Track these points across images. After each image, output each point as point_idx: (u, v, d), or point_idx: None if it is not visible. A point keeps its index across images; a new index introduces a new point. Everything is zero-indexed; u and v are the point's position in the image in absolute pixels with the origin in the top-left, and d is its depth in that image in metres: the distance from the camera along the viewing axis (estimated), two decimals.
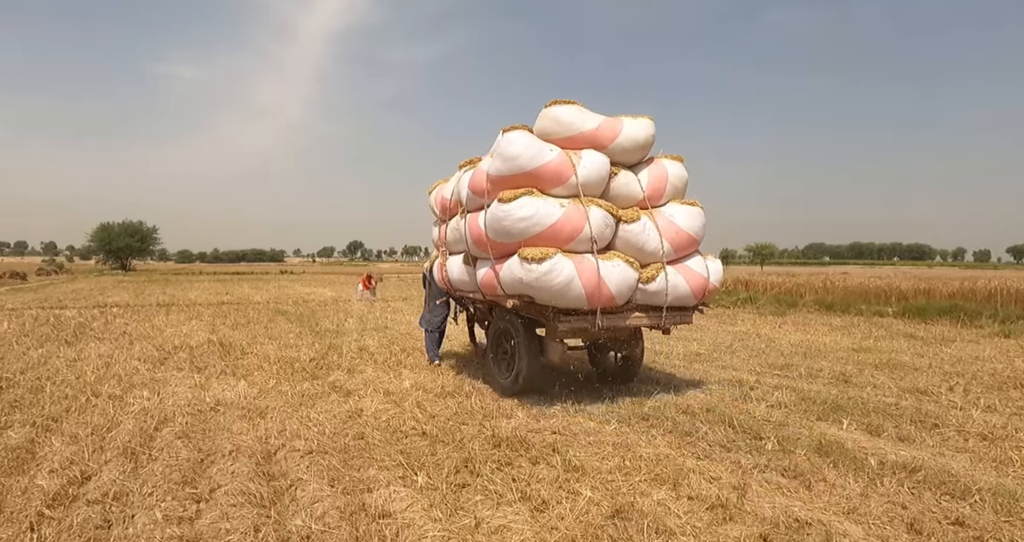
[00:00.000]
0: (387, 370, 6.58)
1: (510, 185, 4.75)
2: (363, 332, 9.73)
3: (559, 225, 4.59)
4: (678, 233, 5.15)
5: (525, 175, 4.74)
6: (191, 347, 7.79)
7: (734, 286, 17.33)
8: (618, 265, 4.78)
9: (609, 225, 4.87)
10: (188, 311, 13.09)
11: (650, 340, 9.39)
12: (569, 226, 4.62)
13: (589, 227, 4.67)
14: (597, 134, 5.08)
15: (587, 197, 4.84)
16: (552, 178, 4.76)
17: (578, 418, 4.78)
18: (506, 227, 4.62)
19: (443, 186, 6.43)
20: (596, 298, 4.65)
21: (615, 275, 4.73)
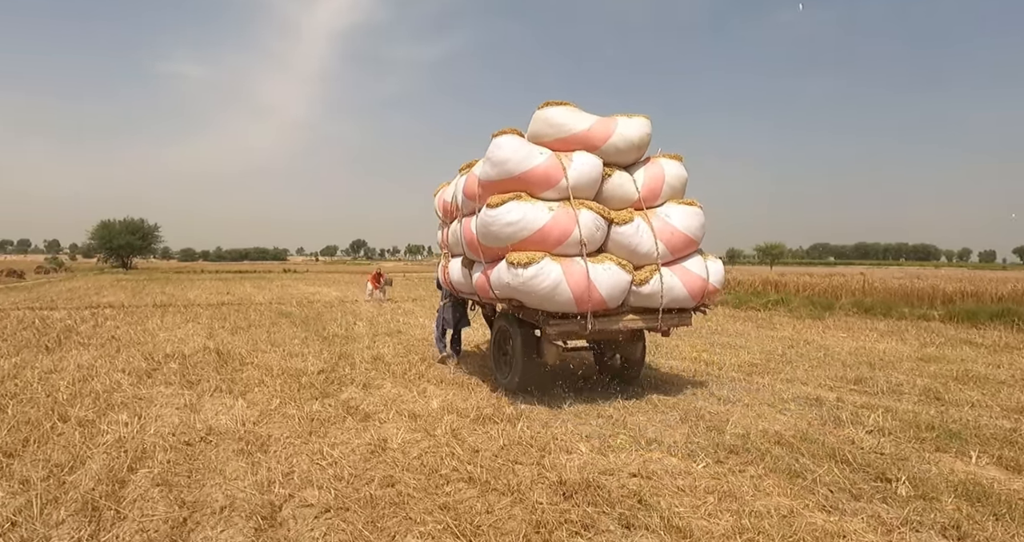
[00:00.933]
0: (408, 385, 5.68)
1: (500, 189, 4.71)
2: (375, 337, 8.84)
3: (547, 229, 4.53)
4: (674, 234, 5.01)
5: (514, 179, 4.69)
6: (184, 356, 6.90)
7: (763, 287, 16.38)
8: (609, 268, 4.67)
9: (600, 227, 4.77)
10: (185, 313, 12.21)
11: (695, 348, 8.55)
12: (557, 230, 4.55)
13: (578, 230, 4.59)
14: (589, 135, 4.97)
15: (578, 199, 4.77)
16: (541, 181, 4.69)
17: (654, 453, 3.87)
18: (494, 232, 4.61)
19: (446, 189, 6.40)
20: (585, 301, 4.56)
21: (606, 278, 4.63)
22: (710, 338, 9.72)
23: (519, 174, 4.72)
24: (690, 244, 5.18)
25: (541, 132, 5.03)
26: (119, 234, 51.20)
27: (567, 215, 4.64)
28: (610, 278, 4.68)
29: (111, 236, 50.98)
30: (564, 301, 4.53)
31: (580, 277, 4.53)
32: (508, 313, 5.16)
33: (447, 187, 6.43)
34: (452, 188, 6.02)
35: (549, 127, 4.99)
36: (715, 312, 14.17)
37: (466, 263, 5.67)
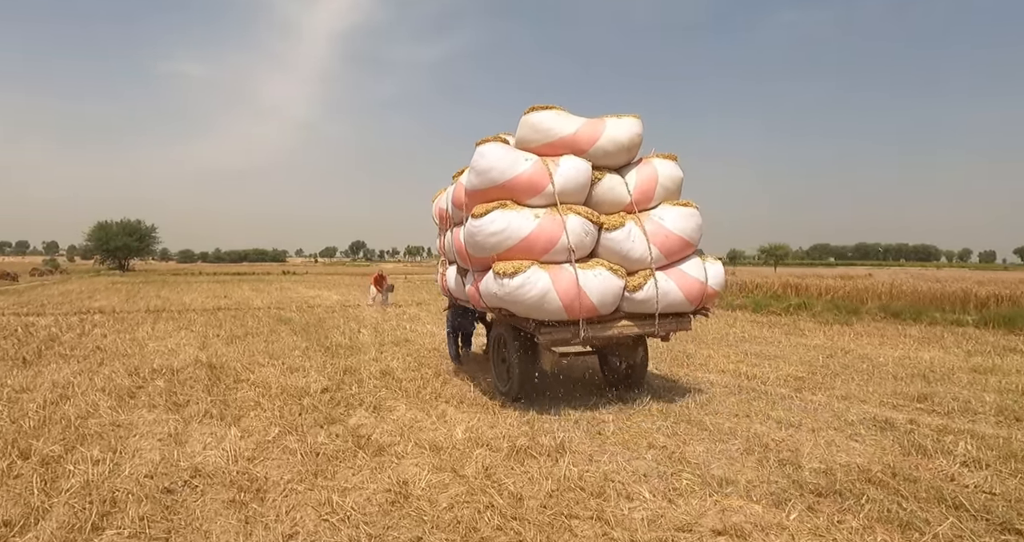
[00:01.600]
0: (424, 407, 5.02)
1: (486, 198, 4.65)
2: (382, 347, 8.17)
3: (533, 237, 4.46)
4: (668, 237, 4.90)
5: (499, 188, 4.62)
6: (173, 371, 6.23)
7: (783, 290, 15.72)
8: (600, 274, 4.57)
9: (589, 233, 4.68)
10: (179, 319, 11.53)
11: (728, 358, 7.89)
12: (544, 237, 4.48)
13: (566, 236, 4.51)
14: (576, 138, 4.88)
15: (565, 205, 4.68)
16: (527, 189, 4.62)
17: (732, 499, 3.21)
18: (479, 242, 4.56)
19: (442, 196, 6.32)
20: (575, 309, 4.48)
21: (597, 285, 4.53)
22: (740, 347, 9.07)
23: (503, 182, 4.62)
24: (686, 247, 5.05)
25: (528, 138, 4.93)
26: (116, 235, 50.50)
27: (554, 222, 4.55)
28: (601, 284, 4.55)
29: (108, 237, 50.28)
30: (553, 309, 4.44)
31: (569, 284, 4.43)
32: (503, 321, 5.03)
33: (443, 194, 6.33)
34: (446, 194, 5.96)
35: (535, 132, 4.89)
36: (735, 317, 13.54)
37: (460, 271, 5.64)
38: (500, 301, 4.54)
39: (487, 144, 4.83)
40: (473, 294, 5.13)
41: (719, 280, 5.24)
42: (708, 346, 9.07)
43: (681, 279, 4.97)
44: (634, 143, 5.09)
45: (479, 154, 4.74)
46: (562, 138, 4.88)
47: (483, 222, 4.52)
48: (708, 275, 5.11)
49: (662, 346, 8.70)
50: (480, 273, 4.91)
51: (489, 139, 4.91)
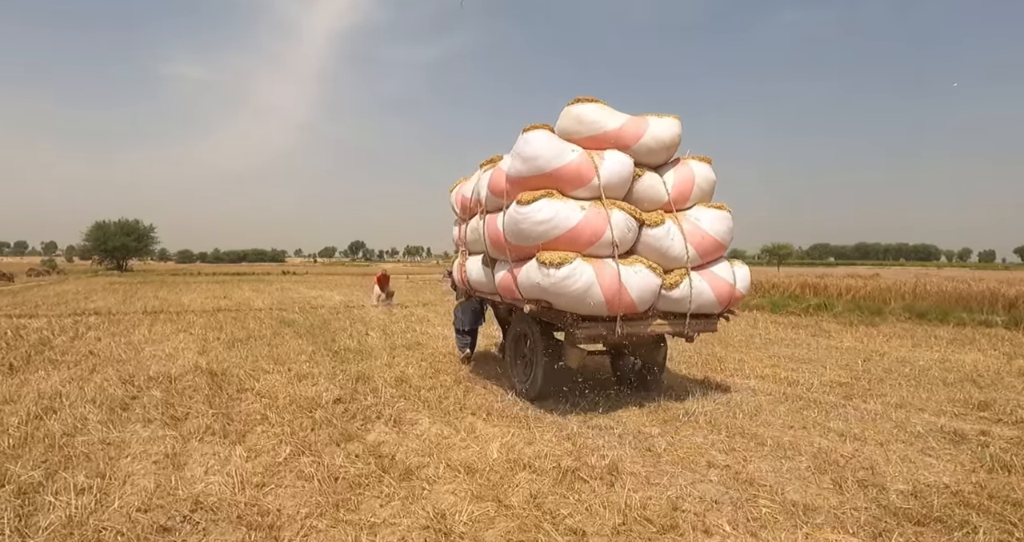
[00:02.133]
0: (449, 419, 4.54)
1: (529, 186, 4.59)
2: (393, 351, 7.68)
3: (579, 229, 4.41)
4: (704, 237, 4.94)
5: (545, 176, 4.55)
6: (171, 379, 5.73)
7: (800, 291, 15.25)
8: (640, 271, 4.55)
9: (632, 229, 4.67)
10: (177, 321, 11.03)
11: (761, 362, 7.41)
12: (589, 230, 4.44)
13: (610, 231, 4.48)
14: (621, 134, 4.85)
15: (609, 199, 4.65)
16: (573, 180, 4.57)
17: (825, 532, 2.75)
18: (524, 230, 4.48)
19: (464, 184, 6.23)
20: (616, 305, 4.45)
21: (636, 281, 4.51)
22: (769, 349, 8.61)
23: (550, 171, 4.54)
24: (719, 248, 5.08)
25: (571, 129, 4.85)
26: (114, 235, 49.91)
27: (599, 215, 4.48)
28: (641, 281, 4.52)
29: (105, 238, 49.70)
30: (595, 304, 4.37)
31: (612, 279, 4.38)
32: (528, 315, 4.87)
33: (465, 183, 6.23)
34: (472, 184, 5.80)
35: (580, 124, 4.82)
36: (755, 318, 13.08)
37: (487, 262, 5.48)
38: (542, 292, 4.41)
39: (535, 131, 4.70)
40: (507, 285, 4.95)
41: (746, 283, 5.25)
42: (736, 349, 8.61)
43: (713, 280, 4.96)
44: (675, 143, 5.09)
45: (525, 140, 4.65)
46: (606, 132, 4.82)
47: (530, 209, 4.41)
48: (736, 278, 5.12)
49: (690, 349, 8.25)
50: (518, 263, 4.78)
51: (537, 126, 4.77)
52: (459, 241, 6.36)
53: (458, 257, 6.43)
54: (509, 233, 4.68)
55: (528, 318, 5.07)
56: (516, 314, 5.74)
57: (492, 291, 5.55)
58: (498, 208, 5.01)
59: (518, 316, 5.61)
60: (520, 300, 4.86)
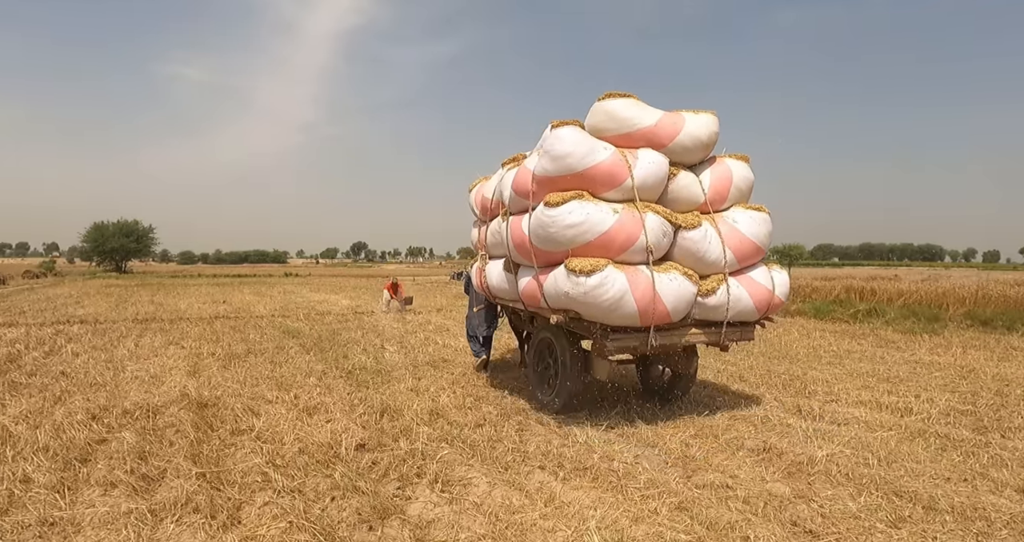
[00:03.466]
0: (512, 477, 3.43)
1: (558, 187, 4.29)
2: (417, 371, 6.57)
3: (612, 233, 4.09)
4: (742, 241, 4.66)
5: (575, 176, 4.25)
6: (151, 413, 4.62)
7: (847, 295, 14.11)
8: (675, 278, 4.26)
9: (667, 234, 4.39)
10: (169, 331, 9.92)
11: (844, 383, 6.23)
12: (623, 235, 4.12)
13: (645, 236, 4.17)
14: (656, 131, 4.56)
15: (643, 202, 4.36)
16: (605, 180, 4.28)
17: None
18: (552, 234, 4.15)
19: (484, 184, 5.85)
20: (649, 315, 4.12)
21: (672, 289, 4.20)
22: (842, 365, 7.49)
23: (581, 170, 4.22)
24: (758, 252, 4.79)
25: (602, 126, 4.55)
26: (112, 236, 48.91)
27: (633, 219, 4.18)
28: (676, 289, 4.23)
29: (104, 239, 48.69)
30: (627, 314, 4.07)
31: (646, 288, 4.08)
32: (553, 324, 4.45)
33: (486, 182, 5.82)
34: (494, 183, 5.43)
35: (612, 121, 4.51)
36: (799, 325, 11.96)
37: (509, 267, 5.04)
38: (571, 301, 4.08)
39: (565, 127, 4.34)
40: (531, 293, 4.58)
41: (785, 289, 4.93)
42: (806, 365, 7.50)
43: (751, 286, 4.67)
44: (712, 141, 4.75)
45: (556, 137, 4.28)
46: (640, 129, 4.51)
47: (560, 212, 4.07)
48: (775, 284, 4.80)
49: (757, 365, 7.18)
50: (544, 269, 4.42)
51: (567, 121, 4.42)
52: (479, 244, 5.91)
53: (477, 261, 5.99)
54: (535, 237, 4.30)
55: (553, 327, 4.67)
56: (539, 322, 5.36)
57: (514, 298, 5.12)
58: (523, 210, 4.61)
59: (542, 324, 5.21)
60: (546, 309, 4.50)
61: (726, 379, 6.52)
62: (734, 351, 8.43)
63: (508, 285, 5.10)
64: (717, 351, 5.31)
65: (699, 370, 7.02)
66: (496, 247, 5.38)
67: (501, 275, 5.22)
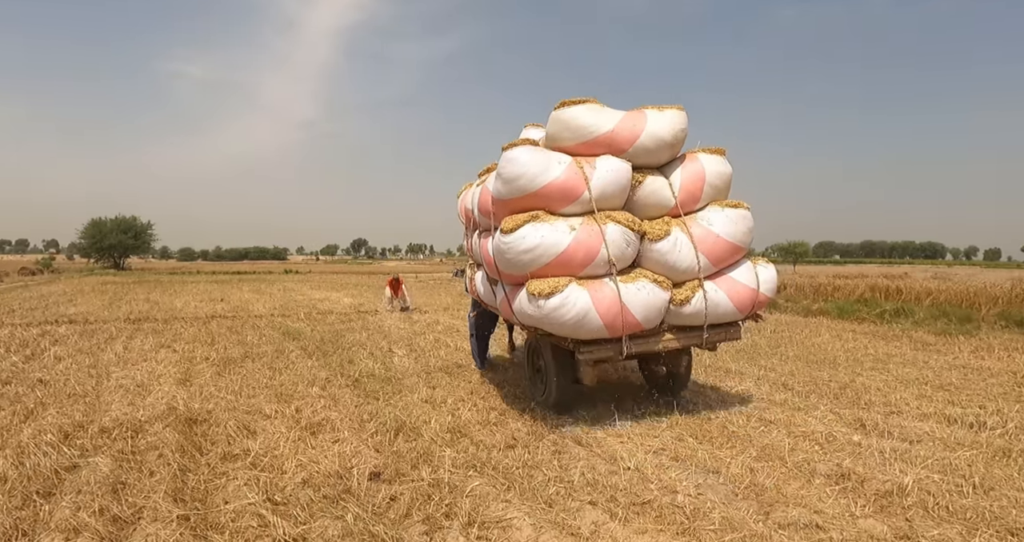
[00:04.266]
0: (559, 515, 2.85)
1: (514, 208, 4.21)
2: (430, 378, 6.00)
3: (570, 252, 4.01)
4: (716, 242, 4.43)
5: (529, 196, 4.14)
6: (133, 429, 4.04)
7: (871, 294, 13.52)
8: (643, 286, 4.15)
9: (631, 243, 4.22)
10: (162, 332, 9.34)
11: (913, 395, 5.67)
12: (581, 251, 4.03)
13: (605, 248, 4.06)
14: (614, 137, 4.33)
15: (603, 212, 4.21)
16: (560, 197, 4.15)
17: None
18: (510, 260, 4.11)
19: (467, 193, 5.77)
20: (617, 326, 4.07)
21: (640, 299, 4.11)
22: (888, 371, 6.90)
23: (535, 190, 4.14)
24: (736, 252, 4.60)
25: (559, 136, 4.44)
26: (110, 233, 48.24)
27: (592, 233, 4.09)
28: (645, 298, 4.15)
29: (102, 235, 48.04)
30: (593, 329, 4.04)
31: (611, 301, 4.03)
32: None
33: (469, 189, 5.72)
34: (471, 194, 5.38)
35: (567, 130, 4.39)
36: (828, 327, 11.38)
37: (490, 279, 5.08)
38: (536, 322, 4.12)
39: (515, 149, 4.23)
40: (506, 309, 4.67)
41: (771, 286, 4.76)
42: (845, 369, 6.95)
43: (731, 288, 4.53)
44: (678, 139, 4.50)
45: (506, 160, 4.19)
46: (597, 137, 4.34)
47: (514, 238, 4.04)
48: (760, 280, 4.64)
49: (799, 372, 6.60)
50: (513, 288, 4.42)
51: (517, 143, 4.31)
52: (468, 251, 5.82)
53: (468, 268, 5.95)
54: (498, 260, 4.27)
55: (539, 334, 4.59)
56: None
57: (497, 306, 5.12)
58: (488, 229, 4.59)
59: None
60: (520, 325, 4.55)
61: (769, 387, 5.95)
62: (768, 355, 7.89)
63: (490, 296, 5.16)
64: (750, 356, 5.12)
65: (740, 377, 6.47)
66: (479, 257, 5.27)
67: (485, 284, 5.22)
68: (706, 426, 4.56)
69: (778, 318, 12.93)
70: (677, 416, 4.76)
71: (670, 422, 4.59)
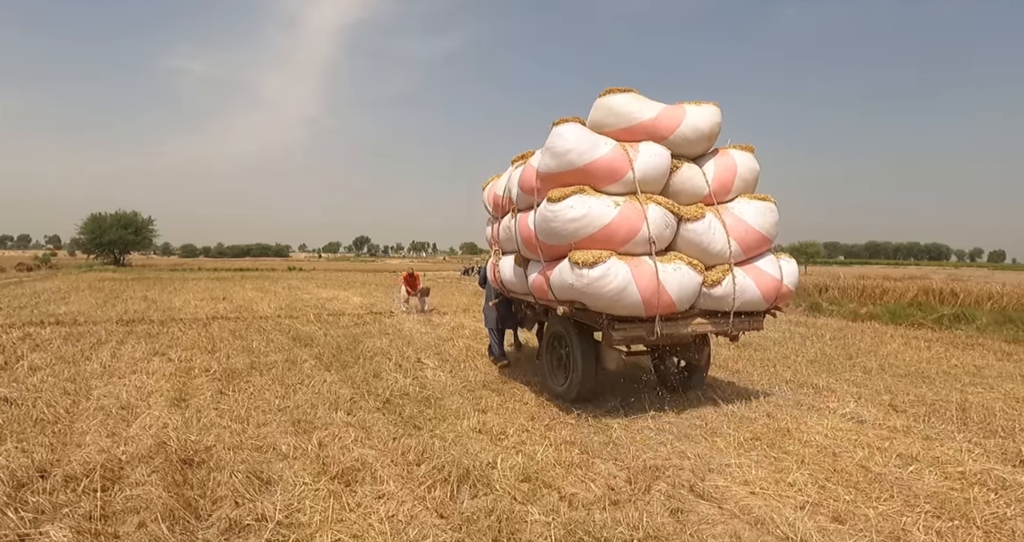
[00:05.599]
0: None
1: (561, 182, 4.36)
2: (476, 399, 5.00)
3: (614, 226, 4.15)
4: (747, 231, 4.63)
5: (576, 171, 4.31)
6: (109, 476, 3.05)
7: (925, 298, 12.50)
8: (679, 268, 4.29)
9: (669, 225, 4.41)
10: (157, 336, 8.34)
11: None
12: (625, 227, 4.17)
13: (647, 227, 4.21)
14: (656, 124, 4.58)
15: (645, 194, 4.39)
16: (606, 174, 4.32)
17: None
18: (555, 228, 4.23)
19: (496, 182, 6.00)
20: (654, 305, 4.17)
21: (675, 279, 4.23)
22: (995, 387, 5.93)
23: (582, 166, 4.27)
24: (764, 242, 4.75)
25: (603, 121, 4.60)
26: (110, 228, 47.21)
27: (635, 211, 4.21)
28: (680, 279, 4.24)
29: (102, 230, 47.04)
30: (631, 304, 4.08)
31: (649, 278, 4.10)
32: (564, 316, 4.46)
33: (497, 180, 6.00)
34: (504, 181, 5.59)
35: (612, 116, 4.56)
36: (881, 332, 10.37)
37: (519, 261, 5.18)
38: (575, 293, 4.15)
39: (565, 124, 4.40)
40: (540, 285, 4.72)
41: (794, 279, 4.90)
42: (942, 384, 6.06)
43: (758, 276, 4.67)
44: (714, 132, 4.76)
45: (557, 135, 4.35)
46: (642, 123, 4.56)
47: (561, 207, 4.15)
48: (783, 273, 4.78)
49: (898, 390, 5.64)
50: (551, 263, 4.53)
51: (568, 119, 4.48)
52: (492, 240, 6.02)
53: (491, 256, 6.12)
54: (540, 232, 4.42)
55: (564, 319, 4.72)
56: (551, 314, 5.24)
57: (525, 292, 5.25)
58: (529, 206, 4.75)
59: (553, 317, 5.18)
60: (553, 301, 4.58)
61: (875, 408, 4.98)
62: (846, 366, 6.93)
63: (519, 279, 5.19)
64: (825, 367, 5.16)
65: (833, 395, 5.55)
66: (507, 243, 5.47)
67: (513, 270, 5.31)
68: (839, 464, 3.60)
69: (827, 323, 11.92)
70: (791, 446, 3.79)
71: (792, 458, 3.61)
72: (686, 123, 4.61)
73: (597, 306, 4.17)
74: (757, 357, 7.47)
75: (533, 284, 4.86)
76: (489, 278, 6.31)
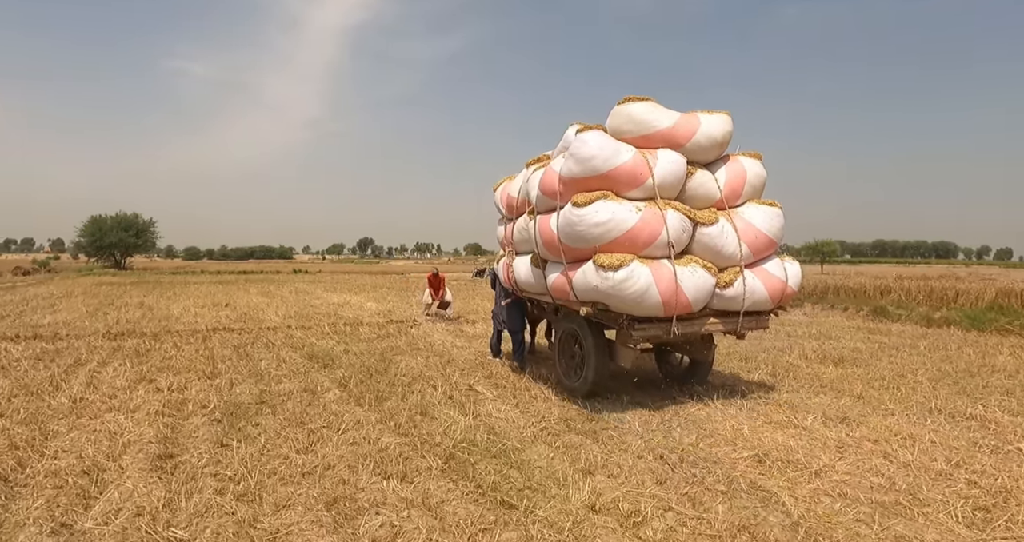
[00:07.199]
0: None
1: (583, 188, 4.49)
2: (567, 448, 3.70)
3: (636, 230, 4.28)
4: (757, 235, 4.79)
5: (599, 177, 4.45)
6: None
7: (1006, 300, 11.14)
8: (695, 271, 4.42)
9: (686, 229, 4.53)
10: (149, 354, 7.06)
11: None
12: (646, 231, 4.31)
13: (666, 232, 4.35)
14: (673, 132, 4.71)
15: (663, 199, 4.53)
16: (628, 180, 4.45)
17: None
18: (580, 232, 4.36)
19: (509, 184, 6.15)
20: (673, 305, 4.30)
21: (692, 281, 4.37)
22: None
23: (606, 172, 4.42)
24: (771, 245, 4.93)
25: (622, 128, 4.70)
26: (111, 230, 46.05)
27: (655, 216, 4.37)
28: (696, 281, 4.37)
29: (102, 233, 45.88)
30: (652, 305, 4.24)
31: (668, 280, 4.25)
32: (578, 315, 4.72)
33: (510, 181, 6.11)
34: (519, 183, 5.70)
35: (631, 123, 4.67)
36: (966, 340, 9.03)
37: (536, 262, 5.28)
38: (599, 295, 4.27)
39: (589, 131, 4.60)
40: (561, 286, 4.78)
41: (797, 280, 5.05)
42: None
43: (766, 278, 4.80)
44: (726, 139, 4.87)
45: (581, 141, 4.51)
46: (660, 131, 4.66)
47: (587, 212, 4.28)
48: (788, 274, 4.94)
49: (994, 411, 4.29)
50: (573, 265, 4.61)
51: (591, 126, 4.72)
52: (505, 241, 6.10)
53: (504, 256, 6.15)
54: (564, 235, 4.50)
55: (580, 318, 4.82)
56: (564, 313, 5.46)
57: (542, 292, 5.34)
58: (550, 209, 4.83)
59: (567, 315, 5.37)
60: (575, 302, 4.69)
61: None
62: (972, 387, 5.58)
63: (536, 280, 5.28)
64: (946, 385, 5.08)
65: (985, 424, 4.21)
66: (523, 243, 5.56)
67: (529, 270, 5.40)
68: None
69: (902, 330, 10.58)
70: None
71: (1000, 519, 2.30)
72: (701, 131, 4.73)
73: (620, 307, 4.31)
74: (858, 374, 6.19)
75: (553, 285, 4.98)
76: (501, 278, 6.33)
